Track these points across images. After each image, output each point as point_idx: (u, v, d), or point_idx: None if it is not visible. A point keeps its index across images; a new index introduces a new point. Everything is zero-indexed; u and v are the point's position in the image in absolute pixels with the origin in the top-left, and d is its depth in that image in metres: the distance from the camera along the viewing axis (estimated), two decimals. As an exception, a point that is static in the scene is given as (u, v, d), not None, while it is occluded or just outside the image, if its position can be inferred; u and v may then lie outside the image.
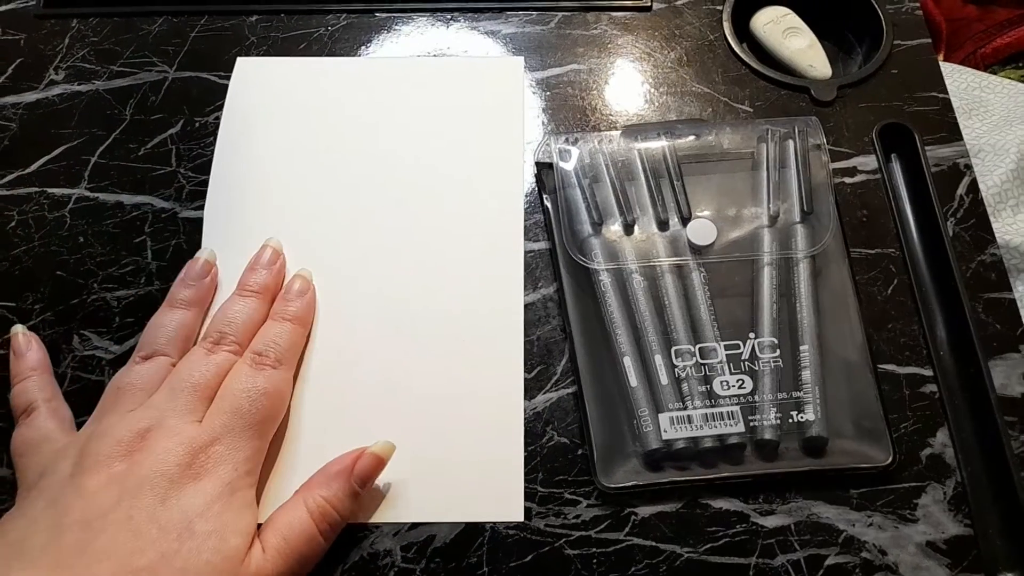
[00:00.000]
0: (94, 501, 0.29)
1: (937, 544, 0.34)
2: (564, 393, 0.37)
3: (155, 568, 0.28)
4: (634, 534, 0.34)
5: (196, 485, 0.30)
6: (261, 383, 0.33)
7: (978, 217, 0.41)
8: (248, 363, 0.34)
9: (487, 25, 0.48)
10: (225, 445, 0.31)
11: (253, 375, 0.33)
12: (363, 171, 0.42)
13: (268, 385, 0.33)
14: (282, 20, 0.48)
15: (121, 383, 0.33)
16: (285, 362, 0.35)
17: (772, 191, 0.40)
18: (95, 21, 0.48)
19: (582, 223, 0.39)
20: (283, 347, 0.35)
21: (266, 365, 0.34)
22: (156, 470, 0.30)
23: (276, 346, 0.34)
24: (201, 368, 0.33)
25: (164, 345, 0.35)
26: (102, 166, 0.43)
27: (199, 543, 0.29)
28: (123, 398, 0.32)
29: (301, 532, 0.31)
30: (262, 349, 0.34)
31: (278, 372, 0.34)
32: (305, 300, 0.37)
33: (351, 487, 0.32)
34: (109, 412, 0.32)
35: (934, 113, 0.44)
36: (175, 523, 0.29)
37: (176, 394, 0.32)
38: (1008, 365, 0.37)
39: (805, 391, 0.35)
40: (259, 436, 0.33)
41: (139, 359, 0.34)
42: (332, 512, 0.32)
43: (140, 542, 0.28)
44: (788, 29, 0.47)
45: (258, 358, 0.34)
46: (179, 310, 0.36)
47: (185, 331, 0.35)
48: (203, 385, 0.32)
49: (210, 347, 0.34)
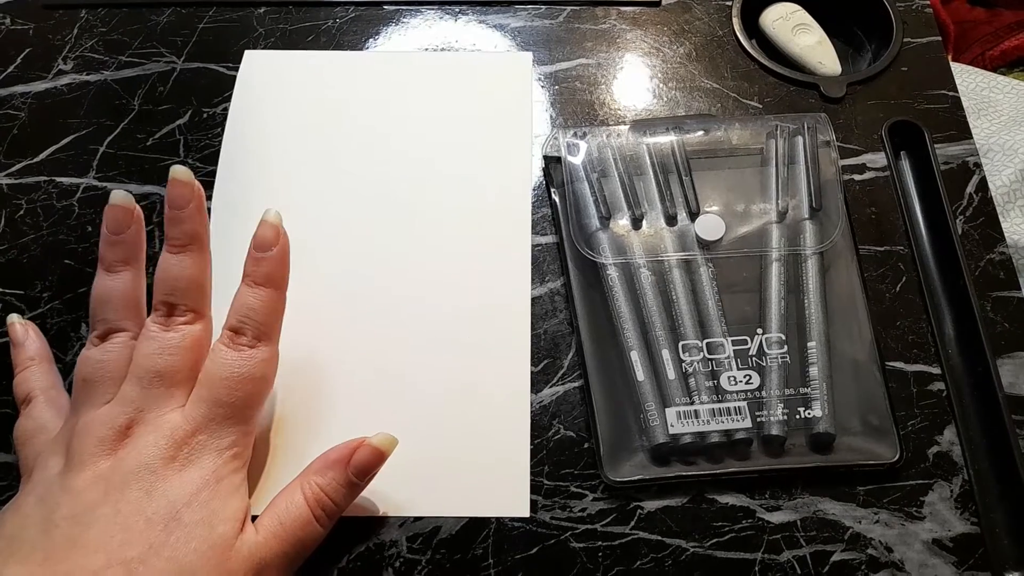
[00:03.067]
0: (81, 498, 0.29)
1: (943, 542, 0.34)
2: (571, 387, 0.37)
3: (145, 559, 0.28)
4: (640, 528, 0.34)
5: (181, 475, 0.30)
6: (240, 367, 0.31)
7: (987, 215, 0.41)
8: (226, 343, 0.32)
9: (495, 19, 0.48)
10: (208, 434, 0.31)
11: (233, 360, 0.31)
12: (370, 164, 0.42)
13: (247, 369, 0.31)
14: (290, 12, 0.48)
15: (85, 373, 0.32)
16: (264, 336, 0.32)
17: (781, 187, 0.40)
18: (103, 11, 0.48)
19: (590, 217, 0.39)
20: (259, 319, 0.32)
21: (243, 345, 0.32)
22: (140, 464, 0.29)
23: (252, 320, 0.32)
24: (160, 351, 0.31)
25: (115, 320, 0.32)
26: (110, 156, 0.43)
27: (187, 532, 0.29)
28: (94, 389, 0.31)
29: (297, 516, 0.31)
30: (238, 325, 0.32)
31: (257, 352, 0.32)
32: (277, 256, 0.33)
33: (347, 477, 0.32)
34: (84, 405, 0.31)
35: (944, 111, 0.44)
36: (162, 514, 0.29)
37: (144, 384, 0.31)
38: (1016, 364, 0.37)
39: (812, 387, 0.35)
40: (243, 420, 0.32)
41: (95, 340, 0.32)
42: (327, 499, 0.31)
43: (128, 534, 0.28)
44: (798, 25, 0.47)
45: (235, 336, 0.32)
46: (114, 275, 0.32)
47: (131, 296, 0.33)
48: (168, 370, 0.31)
49: (163, 321, 0.32)
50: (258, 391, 0.32)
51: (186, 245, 0.32)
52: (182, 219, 0.32)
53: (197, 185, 0.33)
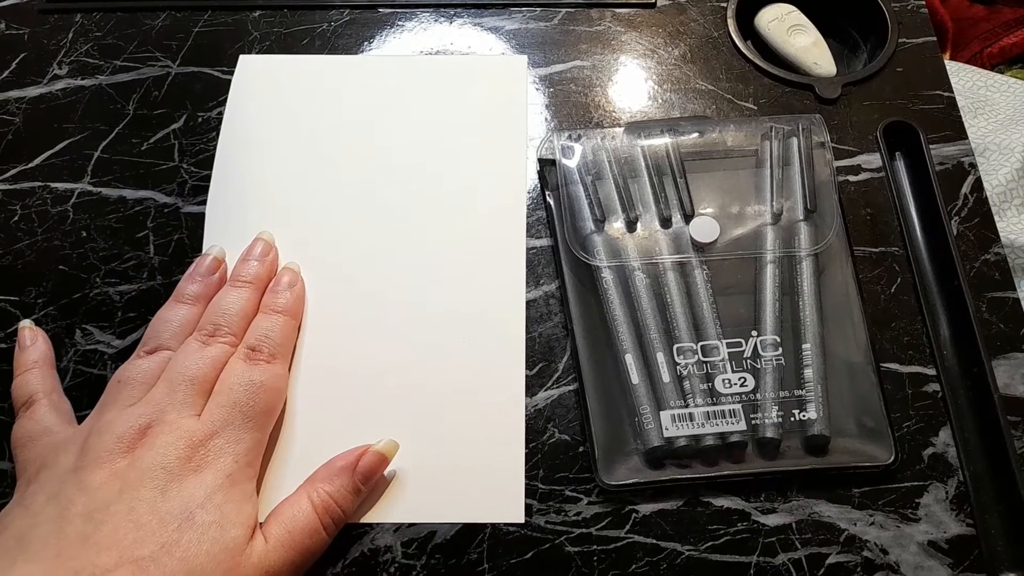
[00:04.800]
0: (96, 495, 0.29)
1: (939, 544, 0.34)
2: (565, 390, 0.37)
3: (157, 557, 0.28)
4: (635, 532, 0.34)
5: (196, 477, 0.30)
6: (258, 377, 0.33)
7: (982, 216, 0.41)
8: (243, 358, 0.34)
9: (490, 21, 0.48)
10: (224, 438, 0.31)
11: (249, 370, 0.33)
12: (365, 168, 0.42)
13: (264, 379, 0.33)
14: (285, 15, 0.48)
15: (122, 376, 0.33)
16: (279, 356, 0.35)
17: (775, 189, 0.39)
18: (98, 16, 0.48)
19: (585, 220, 0.39)
20: (276, 341, 0.35)
21: (260, 360, 0.34)
22: (157, 464, 0.30)
23: (269, 340, 0.35)
24: (197, 361, 0.33)
25: (168, 340, 0.35)
26: (105, 160, 0.43)
27: (199, 533, 0.29)
28: (123, 392, 0.33)
29: (305, 525, 0.31)
30: (255, 343, 0.34)
31: (273, 367, 0.34)
32: (295, 292, 0.37)
33: (354, 483, 0.33)
34: (110, 406, 0.32)
35: (939, 111, 0.44)
36: (176, 514, 0.29)
37: (174, 388, 0.32)
38: (1011, 364, 0.37)
39: (807, 389, 0.35)
40: (258, 428, 0.33)
41: (143, 353, 0.34)
42: (335, 507, 0.32)
43: (141, 532, 0.28)
44: (793, 26, 0.47)
45: (252, 353, 0.34)
46: (185, 305, 0.36)
47: (190, 326, 0.35)
48: (200, 378, 0.33)
49: (205, 339, 0.34)
50: (272, 400, 0.34)
51: (248, 283, 0.37)
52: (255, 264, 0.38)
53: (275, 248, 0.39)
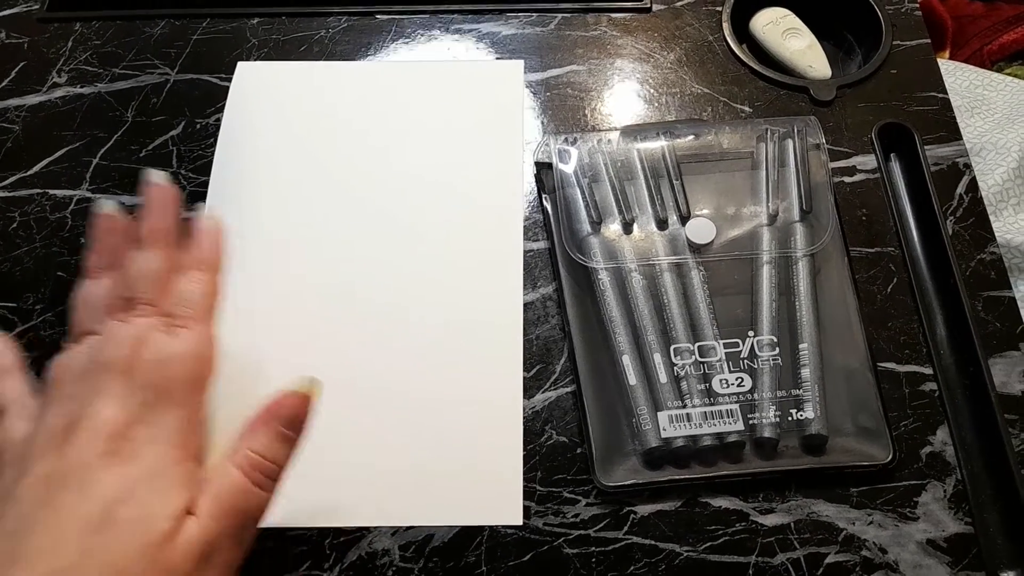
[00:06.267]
0: (22, 507, 0.27)
1: (937, 542, 0.34)
2: (563, 392, 0.37)
3: (79, 567, 0.26)
4: (633, 533, 0.34)
5: (120, 471, 0.28)
6: (178, 347, 0.30)
7: (977, 216, 0.41)
8: (160, 328, 0.31)
9: (487, 26, 0.48)
10: (146, 423, 0.29)
11: (167, 341, 0.30)
12: (362, 172, 0.43)
13: (185, 347, 0.30)
14: (283, 23, 0.48)
15: (54, 374, 0.31)
16: (198, 317, 0.31)
17: (771, 190, 0.40)
18: (97, 24, 0.48)
19: (581, 222, 0.39)
20: (194, 301, 0.32)
21: (177, 327, 0.31)
22: (79, 463, 0.28)
23: (186, 303, 0.31)
24: (115, 343, 0.30)
25: (89, 323, 0.31)
26: (104, 168, 0.43)
27: (120, 532, 0.27)
28: (52, 391, 0.30)
29: (232, 487, 0.29)
30: (171, 310, 0.31)
31: (191, 331, 0.31)
32: (211, 241, 0.34)
33: (276, 430, 0.30)
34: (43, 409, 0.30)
35: (933, 113, 0.44)
36: (96, 515, 0.27)
37: (93, 377, 0.29)
38: (1008, 363, 0.37)
39: (804, 389, 0.35)
40: (183, 404, 0.30)
41: (70, 344, 0.31)
42: (261, 461, 0.30)
43: (62, 541, 0.27)
44: (788, 30, 0.47)
45: (169, 320, 0.31)
46: (99, 280, 0.32)
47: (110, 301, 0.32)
48: (118, 361, 0.29)
49: (122, 316, 0.31)
50: (195, 369, 0.31)
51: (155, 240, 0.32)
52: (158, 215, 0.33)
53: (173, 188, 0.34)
